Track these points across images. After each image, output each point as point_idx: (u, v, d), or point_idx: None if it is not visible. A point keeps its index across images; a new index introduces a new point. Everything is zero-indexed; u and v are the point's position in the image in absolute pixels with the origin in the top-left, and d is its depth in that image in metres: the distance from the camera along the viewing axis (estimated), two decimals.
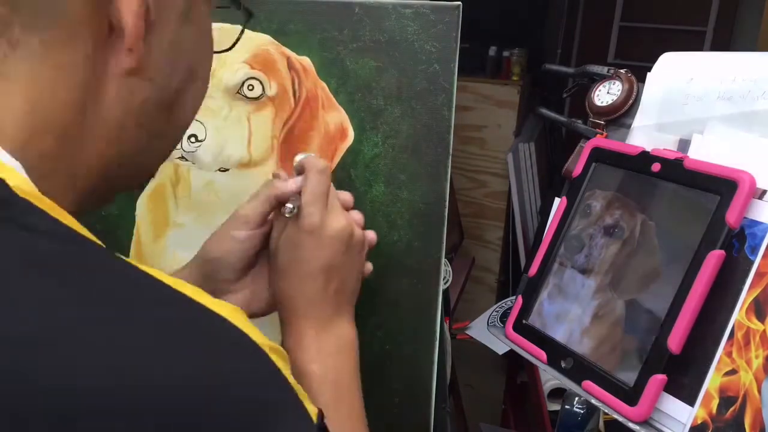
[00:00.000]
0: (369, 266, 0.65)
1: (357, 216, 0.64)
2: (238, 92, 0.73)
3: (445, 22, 0.69)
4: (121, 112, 0.40)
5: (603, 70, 0.79)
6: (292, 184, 0.60)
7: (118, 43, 0.38)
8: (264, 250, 0.62)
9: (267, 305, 0.63)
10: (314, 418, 0.37)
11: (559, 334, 0.70)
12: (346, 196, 0.64)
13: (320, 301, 0.59)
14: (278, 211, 0.60)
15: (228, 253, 0.61)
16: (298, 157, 0.62)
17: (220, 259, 0.61)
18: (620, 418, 0.61)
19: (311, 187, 0.58)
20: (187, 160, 0.74)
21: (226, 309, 0.35)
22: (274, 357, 0.36)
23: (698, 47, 3.16)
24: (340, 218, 0.59)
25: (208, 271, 0.61)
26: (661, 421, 0.59)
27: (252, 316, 0.63)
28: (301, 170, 0.61)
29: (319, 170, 0.59)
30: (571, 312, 0.70)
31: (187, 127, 0.47)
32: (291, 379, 0.36)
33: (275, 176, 0.62)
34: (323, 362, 0.57)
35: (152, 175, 0.48)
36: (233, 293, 0.62)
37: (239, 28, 0.74)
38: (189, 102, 0.45)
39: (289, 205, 0.59)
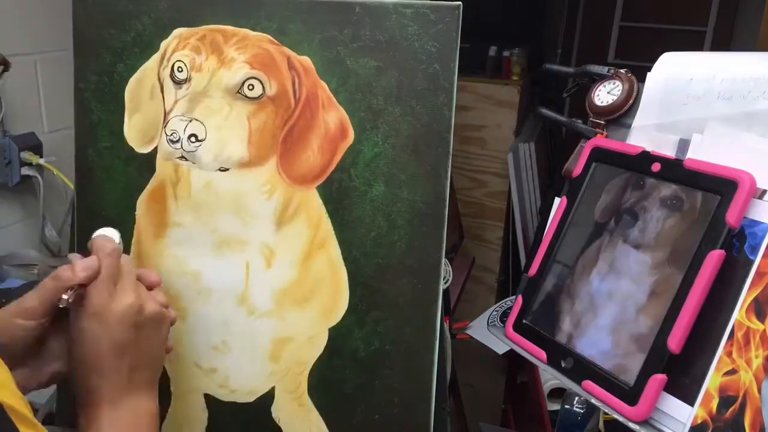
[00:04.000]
0: (170, 345, 0.67)
1: (158, 296, 0.65)
2: (238, 92, 0.73)
3: (445, 22, 0.69)
4: None
5: (603, 70, 0.79)
6: (79, 271, 0.59)
7: None
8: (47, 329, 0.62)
9: (47, 379, 0.64)
10: None
11: (598, 319, 0.68)
12: (153, 277, 0.66)
13: (112, 379, 0.59)
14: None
15: (13, 340, 0.60)
16: (94, 235, 0.63)
17: (5, 346, 0.59)
18: (620, 418, 0.61)
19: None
20: (187, 159, 0.74)
21: None
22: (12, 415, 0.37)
23: (698, 47, 3.16)
24: (126, 297, 0.60)
25: None
26: (661, 421, 0.59)
27: (33, 389, 0.63)
28: (92, 250, 0.61)
29: (106, 254, 0.60)
30: (623, 289, 0.67)
31: None
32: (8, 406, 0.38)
33: (71, 258, 0.62)
34: None
35: None
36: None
37: (241, 30, 0.74)
38: None
39: (64, 296, 0.58)
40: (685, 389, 0.58)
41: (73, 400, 0.61)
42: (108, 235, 0.64)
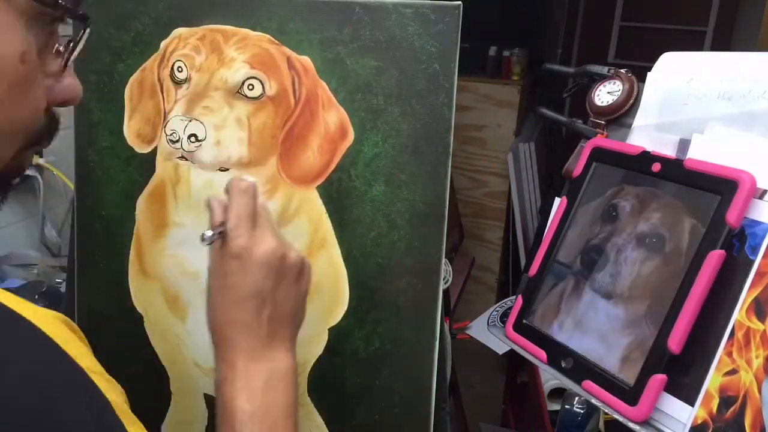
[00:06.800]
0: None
1: (294, 244, 0.61)
2: (238, 92, 0.73)
3: (446, 22, 0.69)
4: None
5: (603, 70, 0.79)
6: (216, 212, 0.58)
7: None
8: None
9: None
10: None
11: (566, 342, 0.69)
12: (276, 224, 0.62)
13: (251, 329, 0.56)
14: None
15: None
16: (228, 181, 0.60)
17: None
18: (620, 418, 0.61)
19: (234, 209, 0.57)
20: (187, 159, 0.74)
21: (47, 318, 0.36)
22: (94, 378, 0.36)
23: (698, 47, 3.16)
24: (268, 241, 0.56)
25: None
26: (661, 421, 0.59)
27: None
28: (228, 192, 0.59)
29: (241, 191, 0.57)
30: (592, 351, 0.63)
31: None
32: (116, 403, 0.37)
33: (207, 203, 0.60)
34: (251, 396, 0.54)
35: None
36: None
37: (241, 30, 0.74)
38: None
39: (206, 233, 0.56)
40: (686, 389, 0.58)
41: None
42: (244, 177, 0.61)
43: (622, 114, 0.75)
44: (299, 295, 0.59)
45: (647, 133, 0.71)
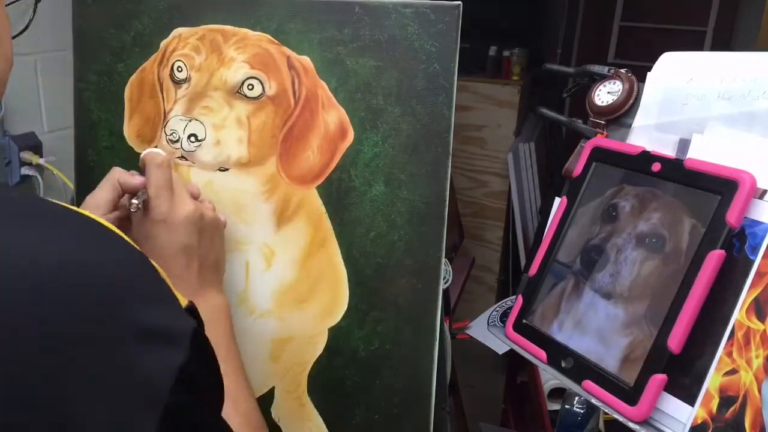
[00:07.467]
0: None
1: (207, 203, 0.69)
2: (238, 92, 0.73)
3: (445, 21, 0.69)
4: None
5: (603, 69, 0.79)
6: (136, 180, 0.65)
7: None
8: None
9: None
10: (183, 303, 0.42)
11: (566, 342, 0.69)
12: (193, 188, 0.70)
13: (186, 278, 0.64)
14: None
15: None
16: (143, 153, 0.66)
17: None
18: (620, 418, 0.61)
19: (153, 180, 0.64)
20: (186, 159, 0.74)
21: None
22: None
23: (698, 47, 3.16)
24: (187, 204, 0.65)
25: None
26: (661, 421, 0.59)
27: None
28: (144, 166, 0.65)
29: (157, 164, 0.64)
30: (592, 351, 0.64)
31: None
32: (162, 272, 0.42)
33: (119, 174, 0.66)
34: None
35: None
36: None
37: (241, 30, 0.74)
38: None
39: (134, 201, 0.63)
40: (686, 389, 0.58)
41: None
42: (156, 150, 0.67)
43: (622, 114, 0.75)
44: (220, 246, 0.69)
45: (647, 133, 0.71)
